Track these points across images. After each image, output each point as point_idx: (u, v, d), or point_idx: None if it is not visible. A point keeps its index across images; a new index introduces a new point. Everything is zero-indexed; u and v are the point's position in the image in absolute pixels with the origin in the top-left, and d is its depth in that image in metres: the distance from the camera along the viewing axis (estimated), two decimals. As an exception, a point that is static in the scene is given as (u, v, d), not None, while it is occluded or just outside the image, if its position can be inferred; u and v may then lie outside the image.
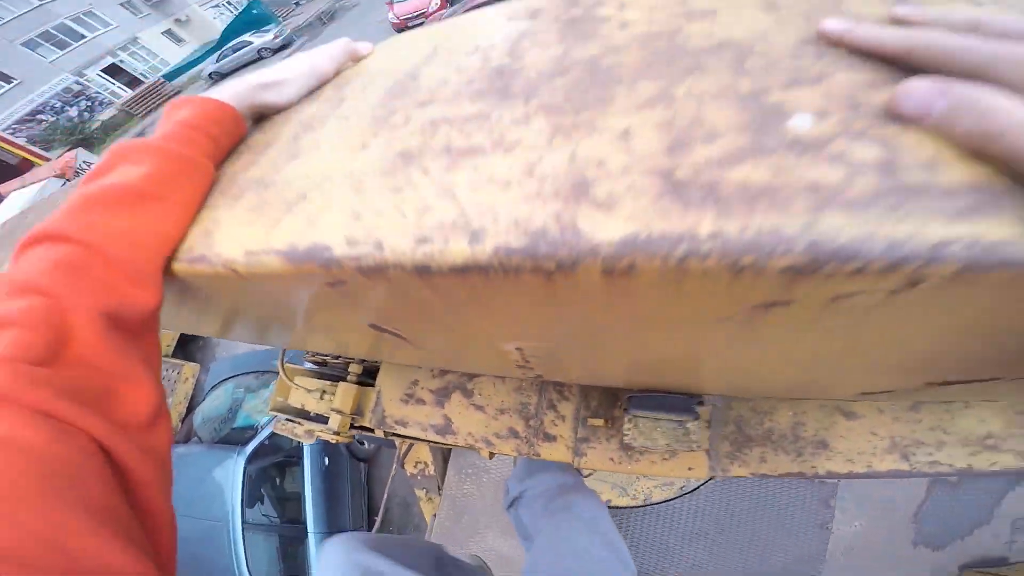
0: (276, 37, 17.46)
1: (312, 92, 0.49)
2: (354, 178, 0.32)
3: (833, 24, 0.27)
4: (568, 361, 0.53)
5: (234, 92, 0.46)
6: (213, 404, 3.74)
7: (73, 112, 19.08)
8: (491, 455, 0.94)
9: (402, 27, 12.38)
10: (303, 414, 1.28)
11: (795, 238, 0.20)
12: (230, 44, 17.89)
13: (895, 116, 0.22)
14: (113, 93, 20.50)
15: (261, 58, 17.61)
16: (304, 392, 1.23)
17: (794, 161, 0.22)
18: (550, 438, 0.87)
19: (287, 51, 17.35)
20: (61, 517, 0.26)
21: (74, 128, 18.19)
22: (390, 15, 12.61)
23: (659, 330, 0.33)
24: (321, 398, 1.16)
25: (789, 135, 0.23)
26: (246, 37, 17.71)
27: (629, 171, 0.24)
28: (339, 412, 1.07)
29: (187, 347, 4.85)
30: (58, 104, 19.08)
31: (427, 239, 0.27)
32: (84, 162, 5.86)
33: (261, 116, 0.49)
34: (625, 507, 1.94)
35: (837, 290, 0.21)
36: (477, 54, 0.37)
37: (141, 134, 16.60)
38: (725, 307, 0.26)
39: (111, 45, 21.08)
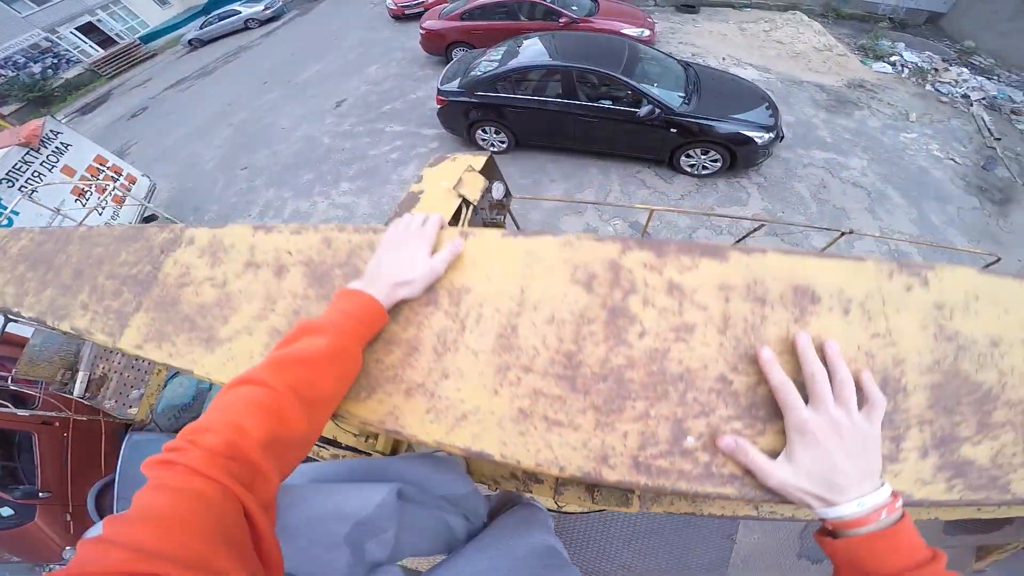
0: (266, 8, 17.01)
1: (430, 288, 0.73)
2: (496, 416, 0.65)
3: (764, 354, 0.59)
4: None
5: (384, 294, 0.69)
6: (175, 392, 3.78)
7: (36, 68, 18.16)
8: (495, 488, 1.28)
9: (399, 14, 12.36)
10: (330, 441, 1.57)
11: (668, 487, 0.57)
12: (217, 11, 17.31)
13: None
14: (83, 52, 19.53)
15: (247, 28, 17.12)
16: (342, 430, 1.52)
17: (680, 460, 0.58)
18: (539, 481, 1.25)
19: (276, 23, 16.86)
20: (212, 542, 0.43)
21: (33, 85, 17.39)
22: (388, 1, 12.53)
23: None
24: (365, 440, 1.45)
25: (683, 447, 0.58)
26: (235, 6, 17.18)
27: (623, 455, 0.59)
28: (381, 453, 1.38)
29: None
30: (21, 59, 18.16)
31: (540, 464, 0.61)
32: (51, 131, 5.78)
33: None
34: (572, 512, 2.32)
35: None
36: (554, 326, 0.68)
37: (106, 96, 15.86)
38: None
39: (92, 3, 19.91)
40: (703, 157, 5.97)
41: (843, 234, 2.38)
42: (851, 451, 0.54)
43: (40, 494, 3.58)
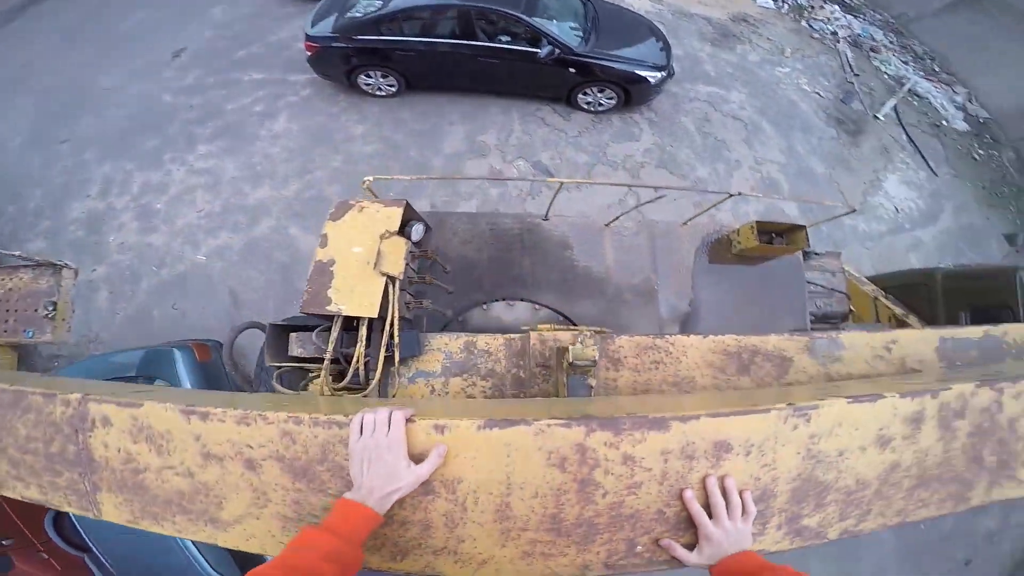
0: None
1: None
2: (508, 558, 0.89)
3: (686, 494, 0.91)
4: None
5: (378, 503, 0.86)
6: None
7: None
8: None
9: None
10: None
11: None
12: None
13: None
14: None
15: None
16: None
17: (632, 559, 0.93)
18: None
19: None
20: None
21: None
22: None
23: None
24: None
25: (635, 551, 0.92)
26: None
27: (596, 563, 0.92)
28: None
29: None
30: None
31: None
32: None
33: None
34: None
35: None
36: (538, 499, 0.89)
37: None
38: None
39: None
40: (599, 95, 6.22)
41: (729, 196, 2.76)
42: (732, 543, 0.90)
43: (3, 541, 3.48)
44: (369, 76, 6.12)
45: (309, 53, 5.90)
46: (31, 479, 0.96)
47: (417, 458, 0.90)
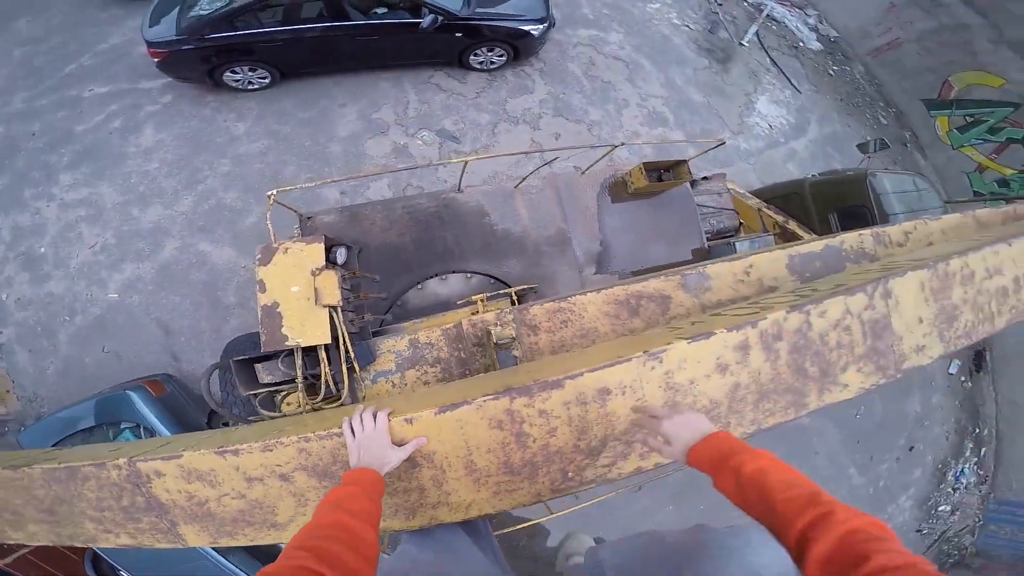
0: None
1: (409, 458, 1.24)
2: (484, 497, 1.33)
3: (635, 404, 1.33)
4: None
5: (383, 471, 1.16)
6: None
7: None
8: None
9: None
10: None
11: (568, 492, 1.66)
12: None
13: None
14: None
15: None
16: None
17: (567, 481, 1.39)
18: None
19: None
20: None
21: None
22: None
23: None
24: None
25: (567, 476, 1.37)
26: None
27: (544, 489, 1.36)
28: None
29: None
30: None
31: (513, 506, 1.88)
32: None
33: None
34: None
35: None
36: (491, 453, 1.32)
37: None
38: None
39: None
40: (489, 54, 6.44)
41: (614, 147, 3.15)
42: (692, 429, 1.12)
43: None
44: (235, 72, 5.75)
45: (156, 60, 5.41)
46: (118, 530, 1.23)
47: (397, 443, 1.26)
